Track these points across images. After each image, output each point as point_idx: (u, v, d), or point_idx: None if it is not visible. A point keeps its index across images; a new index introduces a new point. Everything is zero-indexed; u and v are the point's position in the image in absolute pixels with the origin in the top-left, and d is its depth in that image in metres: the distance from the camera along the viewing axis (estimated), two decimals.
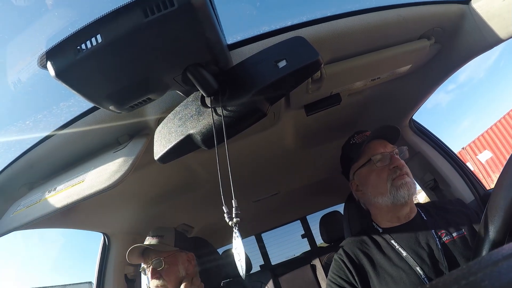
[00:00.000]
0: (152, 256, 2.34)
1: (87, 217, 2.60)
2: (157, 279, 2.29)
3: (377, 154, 2.08)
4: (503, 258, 0.51)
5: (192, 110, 1.29)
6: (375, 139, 2.16)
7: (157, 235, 2.43)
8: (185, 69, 1.10)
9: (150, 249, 2.38)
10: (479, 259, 0.55)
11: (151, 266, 2.31)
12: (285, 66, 1.12)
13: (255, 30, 1.66)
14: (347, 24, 1.69)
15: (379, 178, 2.05)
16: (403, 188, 1.96)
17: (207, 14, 0.94)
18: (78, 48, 0.96)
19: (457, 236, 1.89)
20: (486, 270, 0.49)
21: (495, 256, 0.52)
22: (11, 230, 1.71)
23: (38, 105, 1.95)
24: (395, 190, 1.98)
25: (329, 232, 4.38)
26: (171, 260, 2.36)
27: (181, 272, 2.37)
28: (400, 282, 1.82)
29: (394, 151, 2.09)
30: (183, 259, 2.44)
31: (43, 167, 1.92)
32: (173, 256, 2.39)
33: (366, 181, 2.14)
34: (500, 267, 0.49)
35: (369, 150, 2.13)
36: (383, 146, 2.12)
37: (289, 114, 2.26)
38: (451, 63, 2.18)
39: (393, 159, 2.04)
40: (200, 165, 2.57)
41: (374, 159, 2.08)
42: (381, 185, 2.04)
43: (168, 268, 2.33)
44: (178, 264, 2.39)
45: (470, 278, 0.49)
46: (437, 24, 1.90)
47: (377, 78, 2.17)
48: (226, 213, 1.10)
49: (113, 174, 1.57)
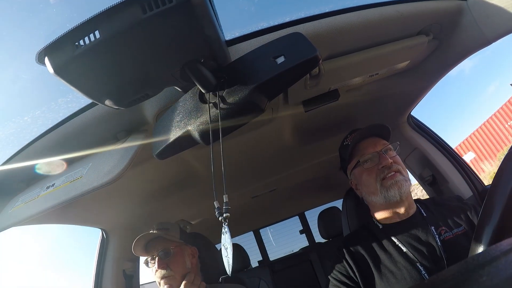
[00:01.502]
0: (158, 246, 2.33)
1: (85, 212, 2.59)
2: (164, 269, 2.26)
3: (364, 155, 2.10)
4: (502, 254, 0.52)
5: (191, 106, 1.29)
6: (365, 138, 2.17)
7: (162, 228, 2.42)
8: (183, 65, 1.10)
9: (155, 241, 2.36)
10: (478, 254, 0.55)
11: (157, 257, 2.29)
12: (283, 62, 1.12)
13: (254, 26, 1.66)
14: (345, 20, 1.69)
15: (369, 178, 2.07)
16: (392, 187, 1.97)
17: (206, 10, 0.95)
18: (76, 44, 0.96)
19: (457, 233, 1.90)
20: (485, 266, 0.49)
21: (493, 252, 0.53)
22: (10, 226, 1.71)
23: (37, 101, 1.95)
24: (385, 190, 1.99)
25: (327, 228, 4.39)
26: (178, 251, 2.36)
27: (187, 263, 2.36)
28: (401, 278, 1.83)
29: (383, 149, 2.08)
30: (187, 252, 2.43)
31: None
32: (179, 247, 2.38)
33: (359, 181, 2.16)
34: (498, 262, 0.49)
35: (358, 151, 2.15)
36: (372, 145, 2.12)
37: (287, 110, 2.26)
38: (449, 59, 2.18)
39: (382, 158, 2.04)
40: (198, 161, 2.57)
41: (361, 160, 2.10)
42: (371, 185, 2.06)
43: (175, 258, 2.32)
44: (185, 256, 2.38)
45: (468, 273, 0.49)
46: (435, 20, 1.90)
47: (376, 74, 2.17)
48: (217, 209, 1.11)
49: (111, 170, 1.57)
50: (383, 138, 2.19)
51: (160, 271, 2.26)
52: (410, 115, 2.99)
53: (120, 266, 2.99)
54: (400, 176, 2.00)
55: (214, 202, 1.13)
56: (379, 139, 2.16)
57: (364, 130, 2.13)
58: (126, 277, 3.00)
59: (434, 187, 3.05)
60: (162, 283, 2.26)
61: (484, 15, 1.81)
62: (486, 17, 1.81)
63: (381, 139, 2.16)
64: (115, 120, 1.77)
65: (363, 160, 2.10)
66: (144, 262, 2.42)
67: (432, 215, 2.05)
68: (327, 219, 4.44)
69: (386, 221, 2.11)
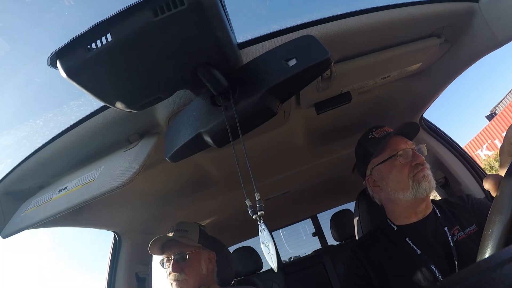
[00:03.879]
0: (175, 249, 2.31)
1: (98, 216, 2.60)
2: (177, 272, 2.25)
3: (400, 150, 2.08)
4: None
5: (202, 109, 1.29)
6: (395, 135, 2.16)
7: (181, 229, 2.40)
8: (195, 68, 1.10)
9: (172, 243, 2.35)
10: (489, 257, 0.55)
11: (173, 260, 2.27)
12: (295, 65, 1.12)
13: (265, 29, 1.66)
14: (357, 22, 1.68)
15: (401, 174, 2.05)
16: (424, 180, 1.97)
17: (217, 13, 0.95)
18: (88, 47, 0.97)
19: (469, 232, 1.91)
20: (496, 268, 0.48)
21: (505, 254, 0.52)
22: (22, 229, 1.71)
23: (49, 104, 1.96)
24: (417, 184, 1.98)
25: (340, 230, 4.40)
26: (194, 256, 2.33)
27: (203, 269, 2.34)
28: (415, 279, 1.83)
29: (416, 147, 2.09)
30: (205, 256, 2.41)
31: (54, 166, 1.92)
32: (196, 252, 2.36)
33: (387, 176, 2.13)
34: (510, 265, 0.48)
35: (391, 146, 2.12)
36: (404, 142, 2.12)
37: (299, 112, 2.26)
38: (461, 61, 2.17)
39: (415, 155, 2.05)
40: (210, 163, 2.57)
41: (398, 154, 2.08)
42: (403, 180, 2.04)
43: (191, 263, 2.29)
44: (201, 261, 2.36)
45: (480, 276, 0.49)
46: (447, 22, 1.89)
47: (387, 76, 2.16)
48: (249, 207, 1.12)
49: (124, 173, 1.57)
50: (408, 138, 2.18)
51: (174, 274, 2.25)
52: (422, 117, 2.97)
53: (132, 269, 2.99)
54: (429, 171, 2.02)
55: (246, 201, 1.14)
56: (406, 139, 2.16)
57: (402, 126, 2.12)
58: (138, 280, 3.00)
59: (447, 189, 3.04)
60: (174, 285, 2.25)
61: (495, 17, 1.80)
62: (497, 19, 1.79)
63: (407, 139, 2.16)
64: (127, 123, 1.77)
65: (399, 154, 2.08)
66: (160, 261, 2.40)
67: (445, 215, 2.05)
68: (340, 222, 4.45)
69: (403, 221, 2.10)
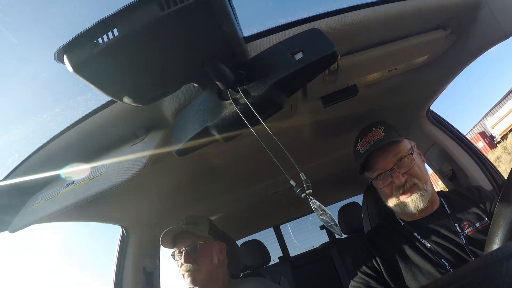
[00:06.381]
0: (186, 241, 2.33)
1: (105, 210, 2.62)
2: (190, 263, 2.26)
3: (376, 173, 2.05)
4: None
5: (209, 102, 1.30)
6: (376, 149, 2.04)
7: (192, 222, 2.42)
8: (202, 62, 1.11)
9: (183, 235, 2.37)
10: (496, 250, 0.55)
11: (184, 251, 2.29)
12: (301, 58, 1.12)
13: (271, 23, 1.66)
14: (363, 15, 1.68)
15: (386, 194, 2.05)
16: (408, 206, 1.94)
17: (224, 7, 0.95)
18: (95, 42, 0.97)
19: (479, 226, 1.88)
20: (503, 261, 0.48)
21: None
22: (30, 224, 1.72)
23: (56, 99, 1.97)
24: (402, 206, 1.96)
25: (347, 223, 4.41)
26: (206, 247, 2.35)
27: (214, 259, 2.36)
28: (426, 273, 1.82)
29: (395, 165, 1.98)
30: (216, 248, 2.43)
31: (61, 160, 1.93)
32: (208, 243, 2.38)
33: (379, 190, 2.13)
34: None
35: (369, 165, 2.10)
36: (382, 159, 2.04)
37: (306, 106, 2.26)
38: (467, 53, 2.16)
39: (394, 176, 1.96)
40: (217, 157, 2.57)
41: (373, 180, 2.08)
42: (389, 199, 2.04)
43: (203, 254, 2.31)
44: (212, 252, 2.37)
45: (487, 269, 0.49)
46: (453, 14, 1.88)
47: (394, 69, 2.15)
48: (296, 187, 1.14)
49: (131, 167, 1.57)
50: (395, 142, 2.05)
51: (186, 265, 2.26)
52: (429, 109, 2.97)
53: (140, 263, 3.00)
54: (416, 193, 1.94)
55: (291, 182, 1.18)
56: (391, 149, 2.04)
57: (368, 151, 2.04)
58: (146, 274, 3.02)
59: (454, 181, 3.03)
60: (186, 275, 2.26)
61: (501, 8, 1.79)
62: (503, 11, 1.78)
63: (392, 147, 2.04)
64: (134, 117, 1.78)
65: (374, 180, 2.07)
66: (171, 254, 2.41)
67: (454, 209, 2.01)
68: (347, 215, 4.46)
69: (409, 218, 2.09)
